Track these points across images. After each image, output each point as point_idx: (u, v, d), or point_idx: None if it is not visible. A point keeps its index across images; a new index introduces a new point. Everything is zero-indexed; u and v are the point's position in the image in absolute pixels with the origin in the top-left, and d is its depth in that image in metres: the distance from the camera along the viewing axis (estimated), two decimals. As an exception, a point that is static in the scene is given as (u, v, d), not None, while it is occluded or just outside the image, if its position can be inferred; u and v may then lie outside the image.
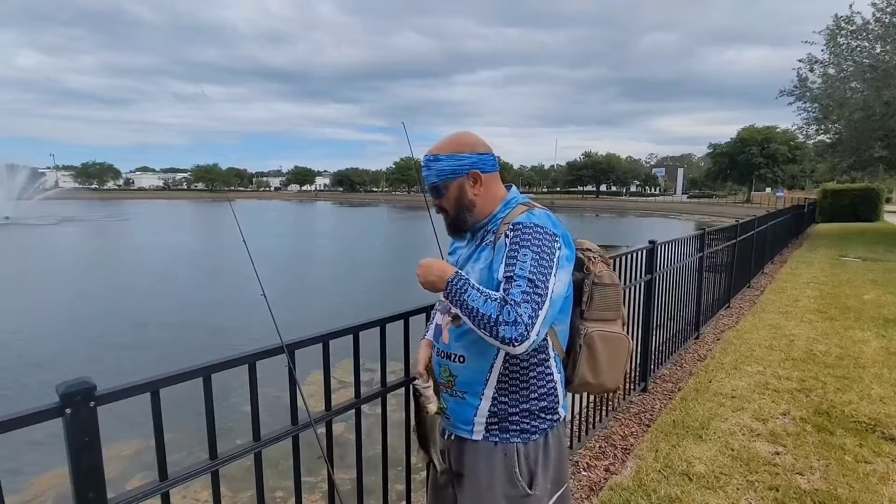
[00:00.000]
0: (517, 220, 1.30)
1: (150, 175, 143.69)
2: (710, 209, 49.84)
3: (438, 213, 1.47)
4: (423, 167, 1.43)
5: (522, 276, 1.20)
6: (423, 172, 1.43)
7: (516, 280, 1.20)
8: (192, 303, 11.65)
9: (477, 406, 1.37)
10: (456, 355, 1.38)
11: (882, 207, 24.09)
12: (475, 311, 1.20)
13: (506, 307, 1.17)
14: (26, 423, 0.95)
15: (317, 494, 3.52)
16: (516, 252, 1.24)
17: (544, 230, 1.28)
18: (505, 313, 1.17)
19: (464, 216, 1.43)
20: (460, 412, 1.41)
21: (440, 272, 1.30)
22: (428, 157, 1.43)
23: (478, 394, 1.37)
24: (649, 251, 3.72)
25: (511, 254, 1.25)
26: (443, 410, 1.43)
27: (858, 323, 5.55)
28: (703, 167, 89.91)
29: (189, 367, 1.21)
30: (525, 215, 1.32)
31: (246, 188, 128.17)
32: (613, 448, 3.04)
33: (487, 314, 1.18)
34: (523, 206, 1.38)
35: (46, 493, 4.13)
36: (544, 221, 1.31)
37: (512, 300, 1.18)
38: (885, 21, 13.70)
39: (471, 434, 1.39)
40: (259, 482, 1.40)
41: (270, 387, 1.67)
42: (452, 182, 1.41)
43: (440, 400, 1.40)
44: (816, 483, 2.59)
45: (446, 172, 1.41)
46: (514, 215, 1.34)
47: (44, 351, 7.91)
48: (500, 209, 1.41)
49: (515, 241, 1.26)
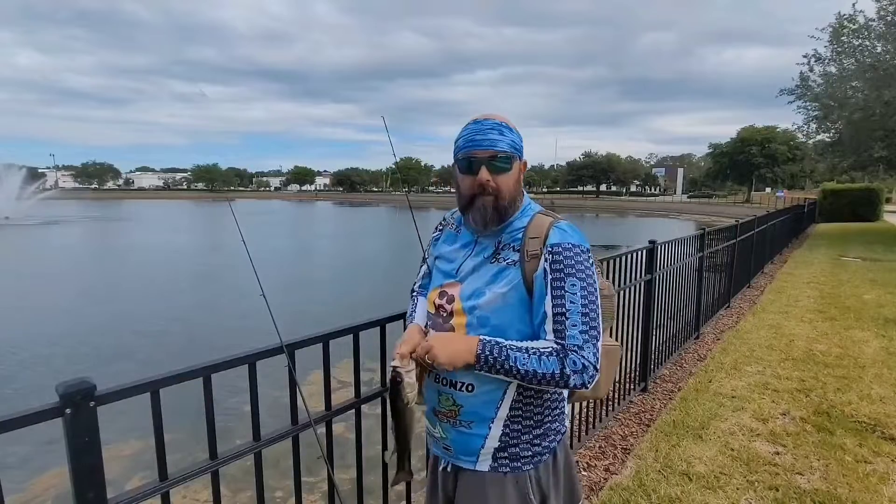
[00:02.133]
0: (554, 242, 1.16)
1: (151, 175, 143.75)
2: (710, 209, 49.83)
3: (481, 194, 1.20)
4: (491, 130, 1.19)
5: (575, 311, 1.11)
6: (489, 136, 1.18)
7: (570, 318, 1.11)
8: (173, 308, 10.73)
9: (485, 436, 1.22)
10: (463, 384, 1.21)
11: (882, 207, 24.09)
12: (531, 373, 1.09)
13: (569, 357, 1.08)
14: (26, 423, 0.95)
15: (317, 494, 3.52)
16: (562, 282, 1.13)
17: (581, 249, 1.17)
18: (570, 363, 1.08)
19: (513, 205, 1.24)
20: (464, 443, 1.25)
21: (464, 344, 1.13)
22: (496, 121, 1.21)
23: (487, 423, 1.22)
24: (649, 251, 3.72)
25: (557, 284, 1.13)
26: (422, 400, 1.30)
27: (858, 323, 5.56)
28: (703, 167, 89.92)
29: (189, 367, 1.21)
30: (557, 233, 1.18)
31: (246, 188, 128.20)
32: (613, 448, 3.04)
33: (549, 372, 1.08)
34: (542, 216, 1.24)
35: (47, 492, 4.13)
36: (578, 238, 1.19)
37: (573, 346, 1.09)
38: (889, 19, 13.70)
39: (475, 465, 1.25)
40: (259, 482, 1.40)
41: (270, 387, 1.67)
42: (517, 160, 1.23)
43: (423, 393, 1.27)
44: (816, 483, 2.59)
45: (517, 146, 1.23)
46: (538, 229, 1.20)
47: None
48: (519, 216, 1.25)
49: (559, 269, 1.14)
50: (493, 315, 1.18)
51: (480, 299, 1.20)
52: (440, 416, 1.27)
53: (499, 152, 1.18)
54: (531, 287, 1.17)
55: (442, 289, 1.29)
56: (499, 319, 1.18)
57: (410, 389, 1.18)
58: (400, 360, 1.19)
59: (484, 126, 1.19)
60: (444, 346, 1.14)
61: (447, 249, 1.35)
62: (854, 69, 14.53)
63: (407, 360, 1.19)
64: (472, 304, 1.21)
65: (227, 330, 9.00)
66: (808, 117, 17.18)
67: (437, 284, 1.32)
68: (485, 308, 1.19)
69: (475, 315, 1.20)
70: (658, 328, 4.04)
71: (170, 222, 38.16)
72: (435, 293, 1.31)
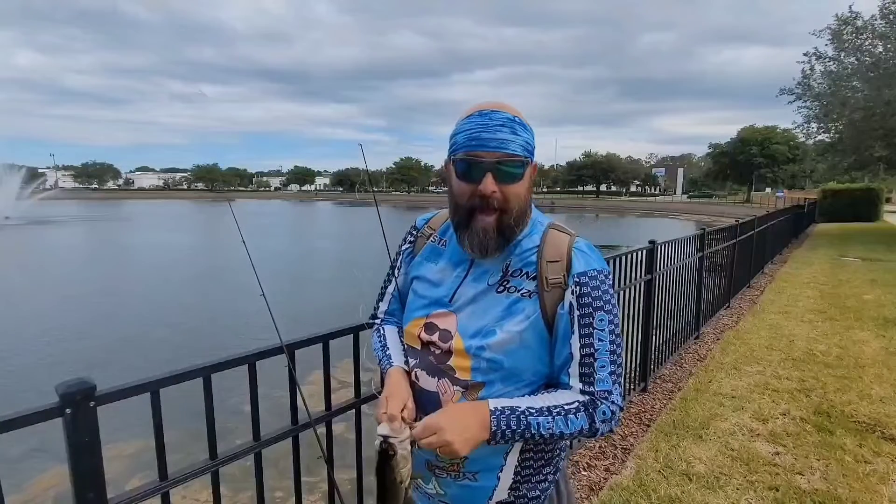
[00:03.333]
0: (580, 271, 0.97)
1: (151, 175, 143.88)
2: (710, 209, 49.80)
3: (481, 209, 0.96)
4: (502, 127, 0.93)
5: (604, 350, 0.95)
6: (499, 134, 0.93)
7: (599, 359, 0.95)
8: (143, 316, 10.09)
9: (494, 487, 1.03)
10: None
11: (882, 207, 24.11)
12: (558, 435, 0.93)
13: (599, 408, 0.94)
14: (26, 423, 0.95)
15: (317, 494, 3.52)
16: (591, 318, 0.95)
17: (605, 274, 0.99)
18: (600, 415, 0.93)
19: (521, 222, 1.00)
20: (468, 497, 1.05)
21: (475, 418, 0.91)
22: (507, 115, 0.95)
23: (496, 472, 1.02)
24: (649, 251, 3.72)
25: (585, 321, 0.96)
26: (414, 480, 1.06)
27: (858, 323, 5.55)
28: (703, 167, 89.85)
29: (189, 367, 1.21)
30: (581, 258, 0.99)
31: (246, 188, 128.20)
32: (613, 448, 3.04)
33: (578, 429, 0.94)
34: (556, 232, 1.04)
35: (47, 492, 4.13)
36: (600, 261, 1.01)
37: (603, 392, 0.94)
38: (891, 18, 13.69)
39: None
40: (259, 482, 1.40)
41: (270, 387, 1.66)
42: (530, 164, 0.99)
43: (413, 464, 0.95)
44: (816, 483, 2.59)
45: (531, 148, 0.98)
46: (556, 250, 1.00)
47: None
48: (528, 233, 1.03)
49: (587, 304, 0.96)
50: (506, 358, 0.97)
51: (490, 339, 0.97)
52: (436, 471, 1.04)
53: (510, 156, 0.94)
54: (551, 322, 0.98)
55: (429, 320, 1.05)
56: (513, 362, 0.97)
57: (405, 464, 0.89)
58: (389, 425, 0.90)
59: (493, 121, 0.94)
60: (458, 431, 0.89)
61: (430, 269, 1.09)
62: (855, 67, 14.54)
63: (399, 425, 0.91)
64: (479, 344, 0.98)
65: (225, 328, 9.02)
66: (809, 116, 17.19)
67: (419, 314, 1.07)
68: (496, 350, 0.97)
69: (483, 358, 0.97)
70: (658, 328, 4.04)
71: (170, 222, 38.12)
72: (417, 325, 1.06)
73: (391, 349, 1.13)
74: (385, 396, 0.99)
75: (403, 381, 1.03)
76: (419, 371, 1.04)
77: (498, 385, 0.98)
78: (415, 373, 1.05)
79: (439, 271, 1.08)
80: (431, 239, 1.15)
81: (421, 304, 1.08)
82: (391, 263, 1.22)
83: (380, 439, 0.89)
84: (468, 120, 0.97)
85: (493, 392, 0.98)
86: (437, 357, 1.02)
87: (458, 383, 0.99)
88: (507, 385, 0.99)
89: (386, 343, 1.15)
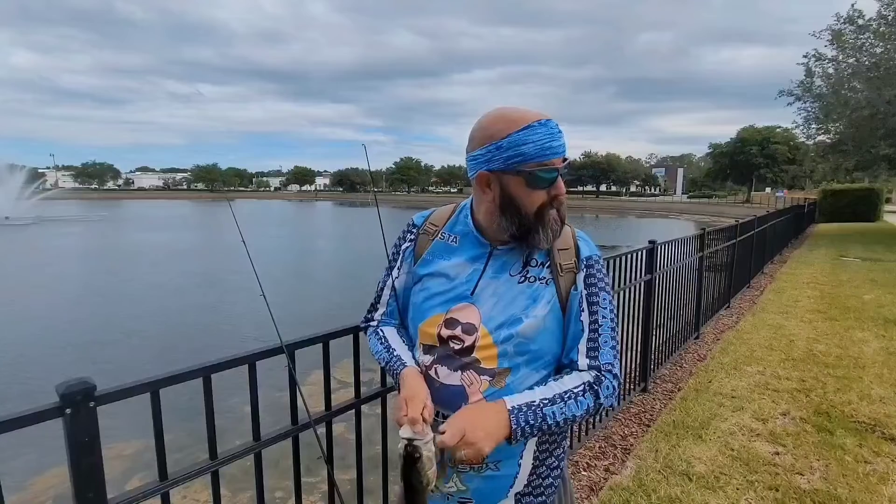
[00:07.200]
0: (587, 255, 1.09)
1: (151, 175, 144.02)
2: (710, 209, 49.83)
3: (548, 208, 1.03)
4: (560, 133, 1.02)
5: (607, 326, 1.06)
6: (562, 140, 1.02)
7: (602, 335, 1.05)
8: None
9: (515, 475, 1.06)
10: None
11: (882, 207, 24.11)
12: (569, 420, 0.99)
13: (603, 383, 1.02)
14: (26, 423, 0.95)
15: (317, 494, 3.52)
16: (596, 297, 1.07)
17: (602, 259, 1.13)
18: (604, 389, 1.02)
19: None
20: (490, 491, 1.06)
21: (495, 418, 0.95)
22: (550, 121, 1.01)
23: (517, 458, 1.05)
24: (649, 251, 3.72)
25: (592, 300, 1.06)
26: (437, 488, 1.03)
27: (858, 323, 5.55)
28: (703, 167, 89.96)
29: (189, 367, 1.21)
30: (585, 245, 1.11)
31: (246, 188, 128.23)
32: (613, 448, 3.04)
33: (585, 409, 1.00)
34: None
35: (47, 492, 4.13)
36: (596, 248, 1.14)
37: (607, 365, 1.03)
38: (889, 18, 13.71)
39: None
40: (259, 482, 1.40)
41: (270, 387, 1.66)
42: None
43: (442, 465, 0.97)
44: (816, 483, 2.59)
45: None
46: (564, 238, 1.09)
47: None
48: None
49: (593, 284, 1.07)
50: (532, 342, 1.03)
51: (517, 327, 1.02)
52: (458, 466, 1.03)
53: (567, 159, 1.04)
54: (565, 304, 1.06)
55: (449, 315, 1.06)
56: (538, 346, 1.04)
57: (430, 466, 0.89)
58: (411, 428, 0.90)
59: (555, 129, 1.00)
60: (483, 432, 0.92)
61: (444, 265, 1.10)
62: (855, 67, 14.54)
63: (421, 427, 0.90)
64: (507, 332, 1.02)
65: (224, 327, 9.02)
66: (809, 118, 17.20)
67: (437, 311, 1.08)
68: (524, 335, 1.02)
69: (511, 343, 1.02)
70: (658, 328, 4.04)
71: (171, 223, 38.09)
72: (436, 322, 1.07)
73: (398, 350, 1.14)
74: (403, 398, 0.99)
75: (420, 382, 1.04)
76: (439, 367, 1.05)
77: (523, 369, 1.04)
78: (434, 369, 1.06)
79: (454, 267, 1.09)
80: (439, 236, 1.15)
81: (438, 301, 1.09)
82: (388, 264, 1.23)
83: (404, 443, 0.88)
84: (531, 131, 0.98)
85: (519, 376, 1.03)
86: (458, 351, 1.04)
87: (485, 373, 1.02)
88: (529, 367, 1.04)
89: (390, 344, 1.16)
